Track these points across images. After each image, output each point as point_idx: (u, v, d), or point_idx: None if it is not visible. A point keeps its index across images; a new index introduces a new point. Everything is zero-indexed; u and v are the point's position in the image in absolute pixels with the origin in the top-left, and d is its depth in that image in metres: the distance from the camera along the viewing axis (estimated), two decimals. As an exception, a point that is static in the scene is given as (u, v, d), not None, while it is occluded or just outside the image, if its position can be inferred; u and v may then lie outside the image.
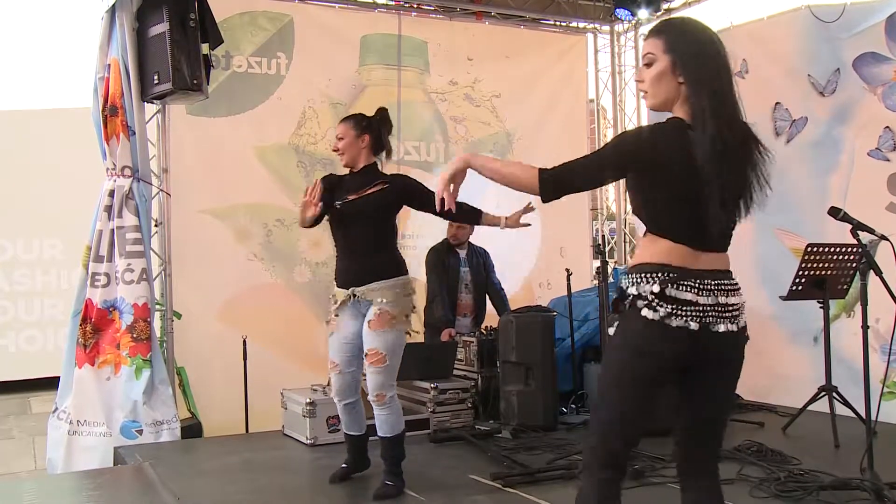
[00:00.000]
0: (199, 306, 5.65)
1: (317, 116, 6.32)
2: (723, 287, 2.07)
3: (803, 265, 4.47)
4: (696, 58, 2.10)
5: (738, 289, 2.12)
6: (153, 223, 5.18)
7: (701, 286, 2.03)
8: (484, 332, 5.46)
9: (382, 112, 3.80)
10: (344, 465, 3.88)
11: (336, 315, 3.69)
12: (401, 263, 3.70)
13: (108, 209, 4.87)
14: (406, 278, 3.66)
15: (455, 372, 5.31)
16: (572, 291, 5.49)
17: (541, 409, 4.91)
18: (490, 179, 2.11)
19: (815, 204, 5.37)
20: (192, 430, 5.05)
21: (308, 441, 4.58)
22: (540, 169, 2.06)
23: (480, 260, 5.82)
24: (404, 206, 3.75)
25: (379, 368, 3.55)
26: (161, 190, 5.31)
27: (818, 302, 4.55)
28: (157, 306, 5.15)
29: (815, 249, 4.47)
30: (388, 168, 3.91)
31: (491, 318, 5.83)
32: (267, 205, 6.09)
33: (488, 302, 5.87)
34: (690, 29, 2.18)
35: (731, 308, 2.08)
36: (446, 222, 5.89)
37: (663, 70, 2.12)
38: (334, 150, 3.75)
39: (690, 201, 2.04)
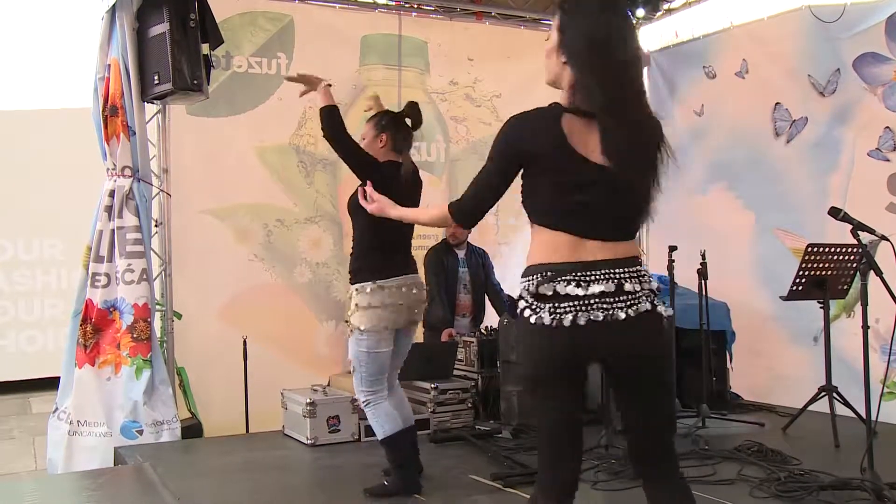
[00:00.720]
0: (200, 306, 5.60)
1: (317, 116, 6.25)
2: (617, 275, 1.96)
3: (804, 265, 4.47)
4: (582, 40, 1.97)
5: (641, 276, 2.00)
6: (153, 223, 5.16)
7: (583, 278, 1.95)
8: (484, 332, 5.46)
9: (408, 106, 3.76)
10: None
11: None
12: (367, 269, 3.54)
13: (109, 209, 4.86)
14: (370, 286, 3.49)
15: (455, 372, 5.30)
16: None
17: (541, 409, 4.90)
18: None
19: (815, 204, 5.37)
20: (192, 430, 5.05)
21: (308, 441, 4.57)
22: (448, 204, 2.16)
23: (479, 260, 5.81)
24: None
25: (352, 374, 3.64)
26: (161, 190, 5.29)
27: (818, 302, 4.55)
28: (158, 306, 5.14)
29: (815, 250, 4.47)
30: None
31: (490, 317, 5.82)
32: (267, 205, 6.06)
33: (488, 302, 5.86)
34: (586, 7, 2.00)
35: (628, 295, 1.96)
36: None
37: (551, 48, 2.05)
38: None
39: (572, 187, 1.97)
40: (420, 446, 3.85)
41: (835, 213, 3.67)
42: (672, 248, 4.96)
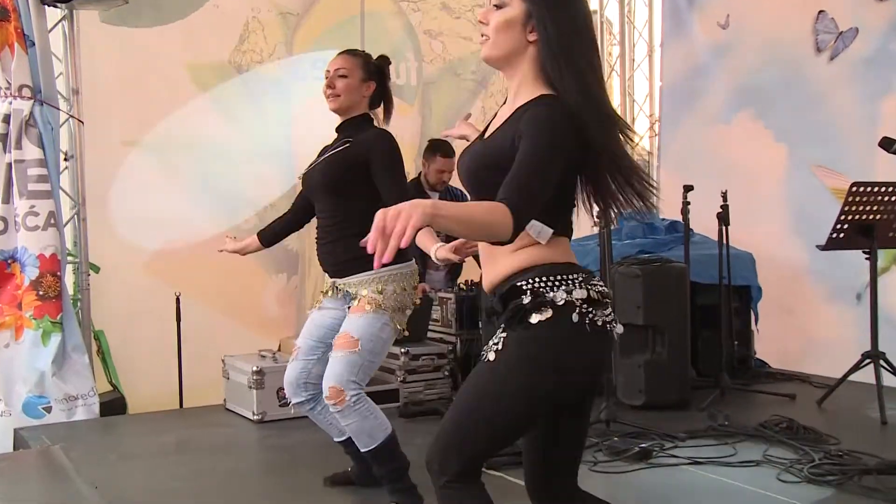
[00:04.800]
0: (122, 257, 5.57)
1: (262, 29, 6.23)
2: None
3: (846, 208, 4.44)
4: (563, 14, 2.01)
5: None
6: (62, 157, 5.08)
7: (603, 285, 2.10)
8: (463, 286, 5.45)
9: (384, 60, 3.56)
10: (349, 469, 3.66)
11: (319, 301, 3.52)
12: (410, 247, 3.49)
13: (4, 138, 4.78)
14: (400, 269, 3.33)
15: (429, 334, 5.35)
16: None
17: (531, 378, 4.92)
18: (457, 235, 1.97)
19: (863, 134, 5.33)
20: (113, 405, 5.03)
21: (255, 417, 4.61)
22: (504, 203, 1.84)
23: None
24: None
25: (341, 354, 3.23)
26: (71, 116, 5.19)
27: (863, 252, 4.52)
28: (70, 257, 5.10)
29: (861, 189, 4.41)
30: None
31: (470, 270, 5.74)
32: (204, 136, 6.01)
33: None
34: None
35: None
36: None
37: (513, 19, 2.02)
38: (328, 87, 3.43)
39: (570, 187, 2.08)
40: (389, 422, 3.71)
41: (887, 144, 3.63)
42: (687, 188, 4.94)
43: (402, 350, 4.92)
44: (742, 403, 4.80)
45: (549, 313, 1.97)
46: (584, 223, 7.18)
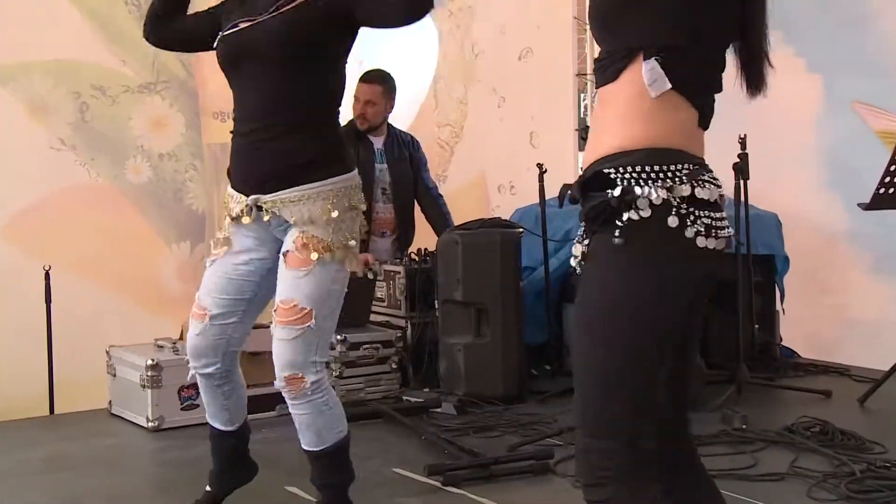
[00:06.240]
0: None
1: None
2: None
3: None
4: None
5: None
6: None
7: (715, 180, 2.04)
8: (415, 257, 5.51)
9: None
10: (207, 489, 3.51)
11: (225, 235, 3.26)
12: (339, 153, 3.22)
13: None
14: (348, 179, 3.18)
15: (373, 317, 5.39)
16: (547, 197, 5.51)
17: (499, 370, 4.98)
18: None
19: None
20: None
21: (149, 423, 4.60)
22: None
23: (405, 152, 5.78)
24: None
25: (295, 331, 3.11)
26: None
27: None
28: None
29: None
30: None
31: (424, 236, 5.83)
32: (81, 63, 5.99)
33: (418, 214, 5.90)
34: None
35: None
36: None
37: None
38: None
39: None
40: (346, 424, 3.64)
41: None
42: (698, 132, 4.95)
43: (338, 337, 4.87)
44: (764, 402, 4.86)
45: (645, 213, 1.92)
46: (565, 175, 7.18)
